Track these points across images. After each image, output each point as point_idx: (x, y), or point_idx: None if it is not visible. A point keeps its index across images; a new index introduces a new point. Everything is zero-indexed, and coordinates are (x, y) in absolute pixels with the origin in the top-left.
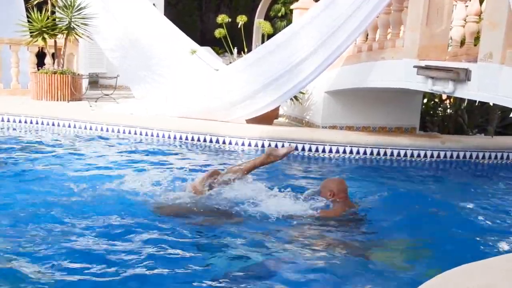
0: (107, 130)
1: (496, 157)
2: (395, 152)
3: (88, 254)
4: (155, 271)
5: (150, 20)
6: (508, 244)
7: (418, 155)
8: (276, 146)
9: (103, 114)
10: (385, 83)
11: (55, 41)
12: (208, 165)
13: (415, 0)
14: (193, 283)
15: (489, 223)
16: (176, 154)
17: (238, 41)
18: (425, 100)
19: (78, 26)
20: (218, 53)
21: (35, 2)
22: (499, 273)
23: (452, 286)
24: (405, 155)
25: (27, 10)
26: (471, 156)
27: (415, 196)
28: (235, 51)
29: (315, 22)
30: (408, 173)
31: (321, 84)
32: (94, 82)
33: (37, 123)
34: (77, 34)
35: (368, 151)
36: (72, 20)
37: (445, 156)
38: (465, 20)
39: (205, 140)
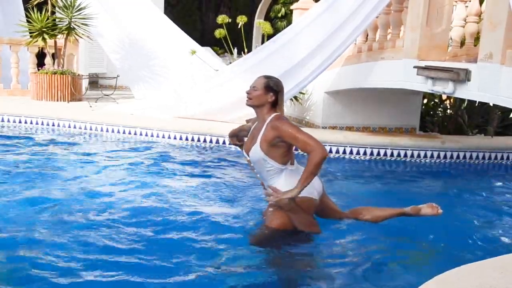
0: (107, 131)
1: (496, 157)
2: (395, 152)
3: (96, 252)
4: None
5: (151, 20)
6: (507, 244)
7: (418, 155)
8: None
9: (103, 115)
10: (385, 83)
11: (55, 42)
12: (209, 165)
13: (415, 0)
14: None
15: (489, 223)
16: (176, 154)
17: (238, 42)
18: (425, 101)
19: (78, 26)
20: (218, 54)
21: (35, 2)
22: (498, 273)
23: (451, 286)
24: (405, 155)
25: (27, 10)
26: (471, 157)
27: (414, 197)
28: (235, 51)
29: (316, 22)
30: (408, 173)
31: (321, 84)
32: (94, 82)
33: (37, 123)
34: (77, 34)
35: (368, 151)
36: (72, 20)
37: (445, 156)
38: (465, 21)
39: (205, 140)
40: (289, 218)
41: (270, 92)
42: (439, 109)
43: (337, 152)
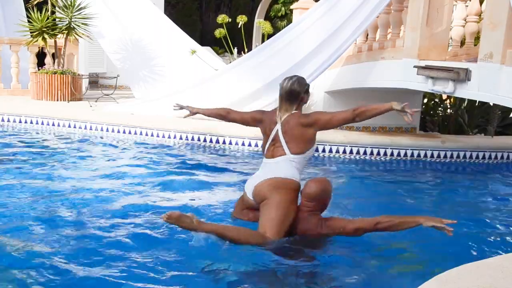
0: (107, 130)
1: (496, 157)
2: (395, 152)
3: (93, 255)
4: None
5: (151, 20)
6: (507, 244)
7: (418, 155)
8: None
9: (103, 114)
10: (385, 83)
11: (55, 41)
12: (209, 164)
13: (415, 0)
14: None
15: (489, 222)
16: (176, 154)
17: (238, 41)
18: (425, 100)
19: (78, 26)
20: (218, 53)
21: (35, 2)
22: (498, 273)
23: (451, 286)
24: (405, 155)
25: (27, 10)
26: (471, 156)
27: (415, 196)
28: (235, 51)
29: (316, 22)
30: (408, 173)
31: (321, 84)
32: (94, 82)
33: (37, 123)
34: (77, 34)
35: (368, 151)
36: (72, 20)
37: (445, 156)
38: (465, 20)
39: (205, 140)
40: None
41: None
42: (439, 108)
43: (337, 151)
